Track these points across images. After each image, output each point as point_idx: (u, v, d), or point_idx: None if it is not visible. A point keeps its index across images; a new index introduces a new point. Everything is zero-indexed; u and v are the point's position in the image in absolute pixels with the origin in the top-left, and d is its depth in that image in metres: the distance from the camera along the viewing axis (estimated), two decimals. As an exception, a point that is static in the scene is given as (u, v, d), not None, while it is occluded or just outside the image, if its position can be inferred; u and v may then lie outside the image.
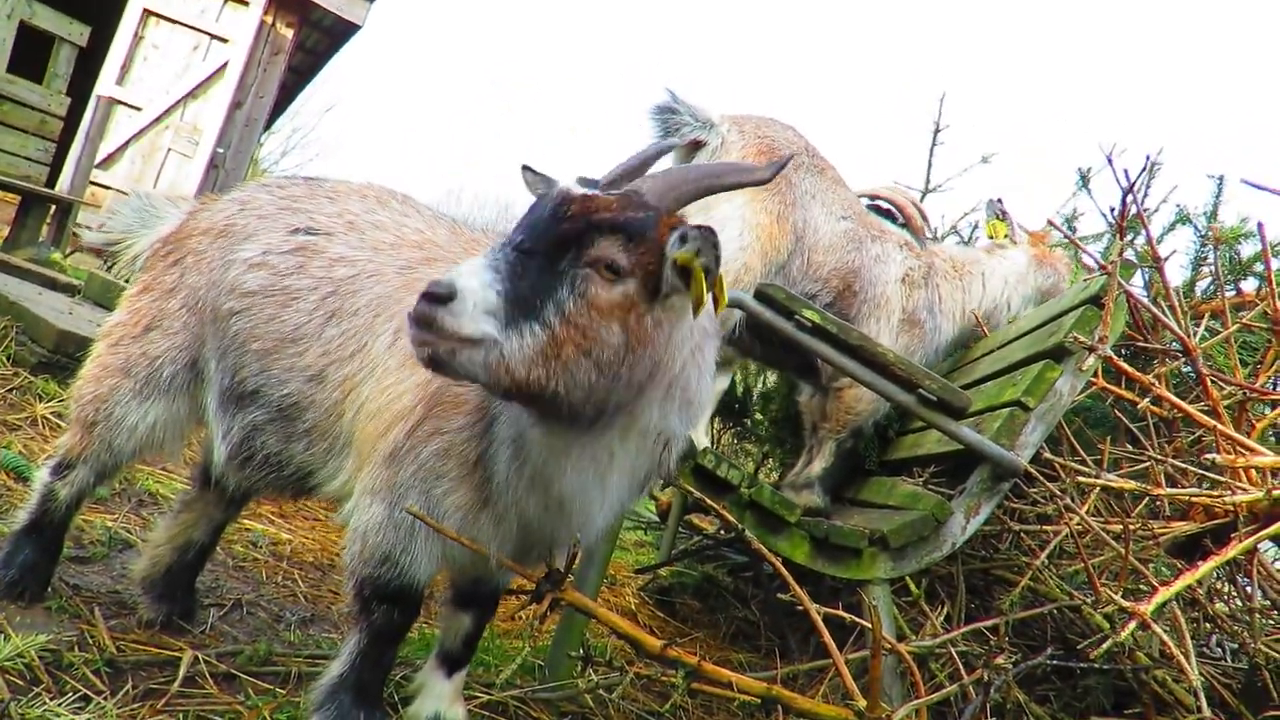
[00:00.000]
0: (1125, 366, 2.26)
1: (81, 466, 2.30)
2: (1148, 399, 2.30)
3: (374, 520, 1.90)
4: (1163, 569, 3.09)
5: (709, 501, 2.63)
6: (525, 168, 1.82)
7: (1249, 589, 2.69)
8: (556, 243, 1.52)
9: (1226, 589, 3.18)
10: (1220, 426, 2.22)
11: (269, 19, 10.05)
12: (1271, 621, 2.95)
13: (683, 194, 1.63)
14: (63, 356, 4.18)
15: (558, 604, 2.06)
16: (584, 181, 1.62)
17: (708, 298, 1.56)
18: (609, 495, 1.80)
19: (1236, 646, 3.19)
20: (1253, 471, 2.15)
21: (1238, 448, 2.21)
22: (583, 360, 1.52)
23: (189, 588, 2.57)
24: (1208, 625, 3.15)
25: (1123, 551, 2.39)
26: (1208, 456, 2.16)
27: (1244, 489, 2.19)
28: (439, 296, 1.44)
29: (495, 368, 1.48)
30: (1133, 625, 1.97)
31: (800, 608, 2.19)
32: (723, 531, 4.77)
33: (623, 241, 1.53)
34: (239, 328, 2.13)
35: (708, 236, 1.55)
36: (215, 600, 2.81)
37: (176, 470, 3.75)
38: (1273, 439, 3.39)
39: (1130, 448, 3.28)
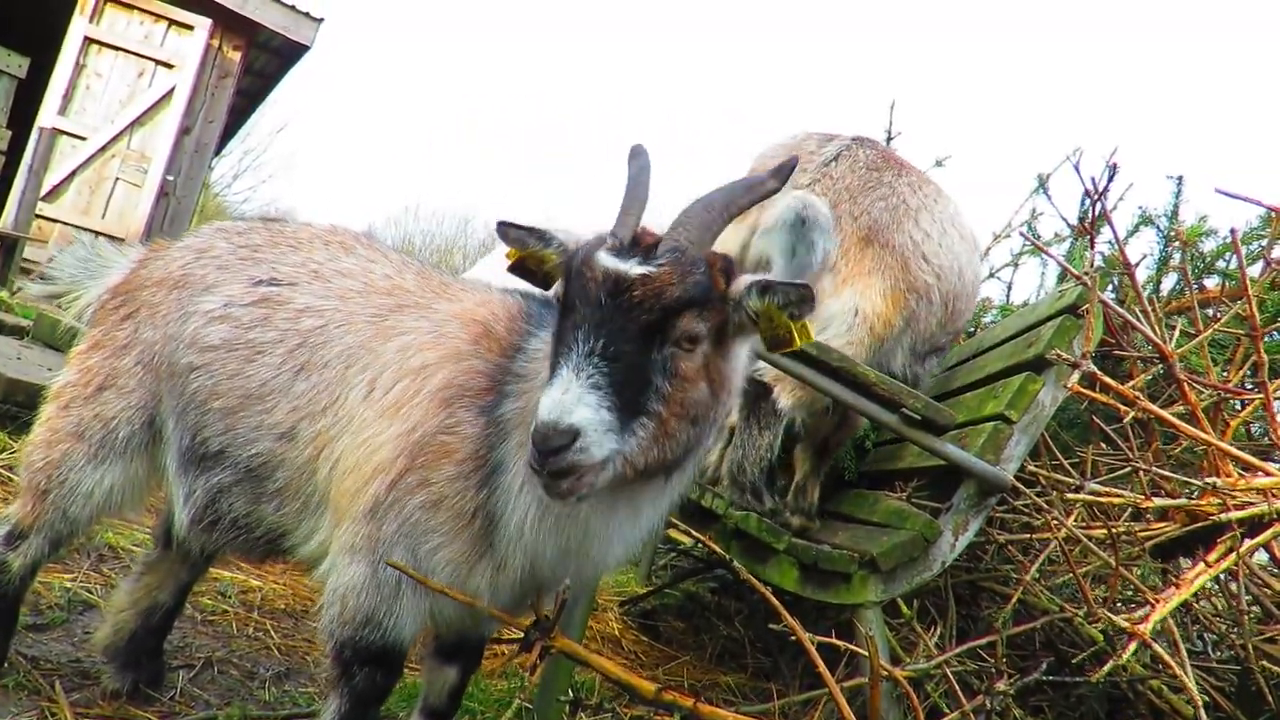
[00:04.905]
0: (1109, 380, 2.24)
1: (35, 536, 2.17)
2: (1134, 410, 2.27)
3: (355, 580, 1.82)
4: (1149, 575, 3.09)
5: (694, 533, 2.57)
6: (504, 224, 1.76)
7: (1233, 587, 2.69)
8: (640, 339, 1.55)
9: (1211, 587, 3.19)
10: (1218, 442, 2.21)
11: (215, 42, 9.84)
12: (1255, 615, 2.96)
13: (716, 231, 1.67)
14: (13, 406, 4.01)
15: (548, 652, 1.99)
16: (612, 246, 1.60)
17: (798, 338, 1.65)
18: (639, 530, 1.81)
19: (1218, 639, 3.21)
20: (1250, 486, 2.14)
21: (1233, 462, 2.20)
22: (685, 425, 1.61)
23: (155, 652, 2.45)
24: (1195, 626, 3.16)
25: (1112, 562, 2.38)
26: (1209, 479, 2.14)
27: (1233, 497, 2.18)
28: (562, 447, 1.45)
29: (621, 469, 1.55)
30: (1134, 646, 1.94)
31: (793, 638, 2.14)
32: (698, 545, 4.72)
33: (696, 312, 1.58)
34: (199, 384, 2.02)
35: (803, 294, 1.61)
36: (184, 661, 2.69)
37: (138, 521, 3.61)
38: (1244, 434, 3.42)
39: (1105, 447, 3.29)
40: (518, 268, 1.81)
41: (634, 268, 1.55)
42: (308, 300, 2.04)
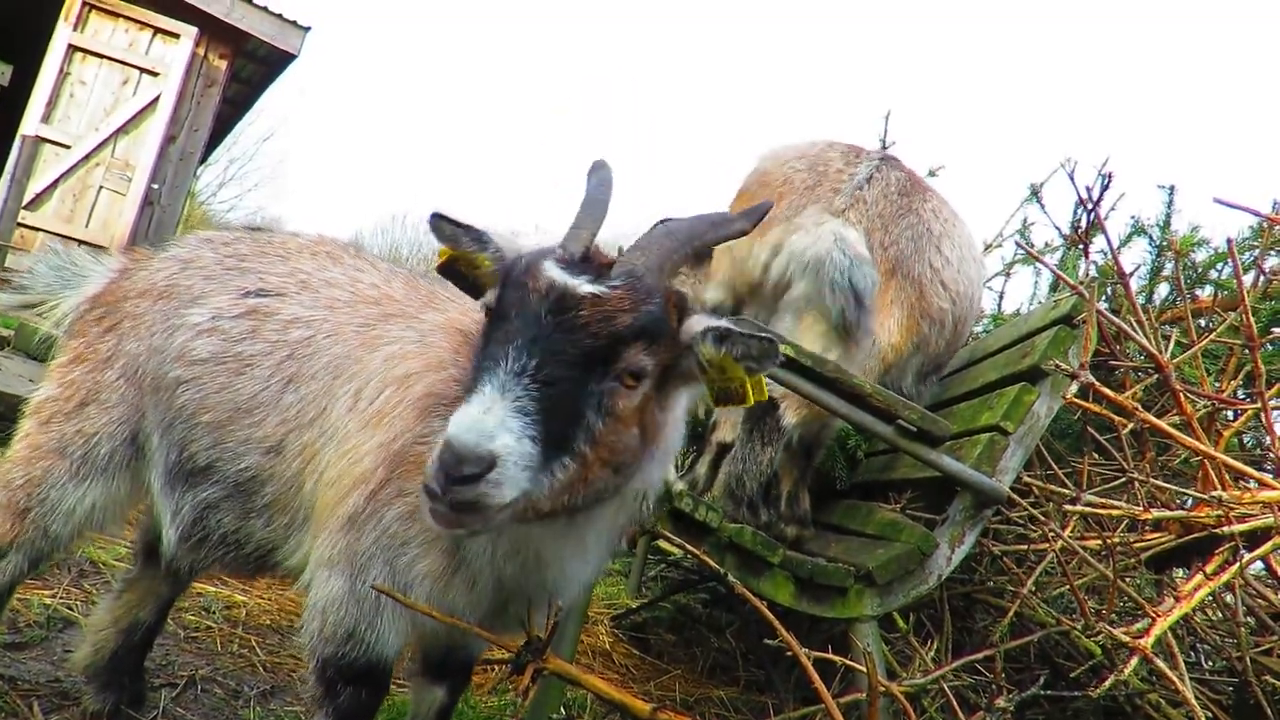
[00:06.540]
0: (1107, 391, 2.23)
1: (14, 554, 2.11)
2: (1132, 422, 2.25)
3: (334, 594, 1.76)
4: (1145, 586, 3.08)
5: (689, 547, 2.53)
6: (438, 216, 1.58)
7: (1229, 599, 2.67)
8: (580, 365, 1.37)
9: (1205, 599, 3.17)
10: (1216, 453, 2.19)
11: (201, 51, 9.77)
12: (1250, 625, 2.95)
13: (676, 263, 1.52)
14: (-9, 417, 3.93)
15: (540, 674, 1.95)
16: (561, 258, 1.43)
17: (752, 395, 1.50)
18: (589, 556, 1.75)
19: (1212, 650, 3.19)
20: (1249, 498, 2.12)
21: (1229, 473, 2.18)
22: (605, 472, 1.45)
23: (137, 671, 2.39)
24: (1190, 638, 3.14)
25: (1109, 574, 2.35)
26: (1215, 493, 2.12)
27: (1235, 509, 2.16)
28: (473, 476, 1.25)
29: (523, 513, 1.39)
30: (1135, 661, 1.91)
31: (790, 653, 2.10)
32: (688, 557, 4.68)
33: (645, 345, 1.42)
34: (187, 399, 1.98)
35: (765, 348, 1.46)
36: (166, 679, 2.62)
37: (121, 535, 3.54)
38: (1235, 444, 3.41)
39: (1098, 458, 3.28)
40: (447, 269, 1.62)
41: (584, 285, 1.39)
42: (295, 311, 1.99)
